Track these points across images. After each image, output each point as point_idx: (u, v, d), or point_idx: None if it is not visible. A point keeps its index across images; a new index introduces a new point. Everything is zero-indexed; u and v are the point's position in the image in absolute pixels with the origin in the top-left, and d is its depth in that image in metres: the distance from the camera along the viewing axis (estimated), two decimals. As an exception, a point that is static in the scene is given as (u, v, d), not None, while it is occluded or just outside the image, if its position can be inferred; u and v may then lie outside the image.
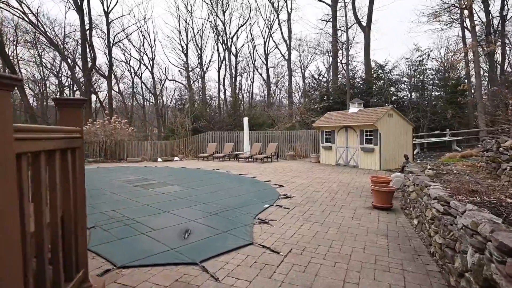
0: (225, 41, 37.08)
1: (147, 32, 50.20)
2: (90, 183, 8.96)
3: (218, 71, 39.07)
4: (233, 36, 37.13)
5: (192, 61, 53.90)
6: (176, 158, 16.89)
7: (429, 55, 22.49)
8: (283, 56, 36.86)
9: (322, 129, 13.97)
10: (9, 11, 27.73)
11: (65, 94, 37.56)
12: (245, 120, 17.17)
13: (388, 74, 22.96)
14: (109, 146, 17.50)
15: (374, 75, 23.08)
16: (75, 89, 36.94)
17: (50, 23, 32.64)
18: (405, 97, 22.83)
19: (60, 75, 36.82)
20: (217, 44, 37.81)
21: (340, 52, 25.91)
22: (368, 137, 11.79)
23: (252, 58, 40.53)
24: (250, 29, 44.93)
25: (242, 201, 6.40)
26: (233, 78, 39.09)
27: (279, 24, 35.66)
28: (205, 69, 40.43)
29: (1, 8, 28.65)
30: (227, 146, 16.89)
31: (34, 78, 35.64)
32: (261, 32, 38.52)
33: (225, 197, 6.82)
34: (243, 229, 4.55)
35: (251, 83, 43.29)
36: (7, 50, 32.08)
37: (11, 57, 31.57)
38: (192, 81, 41.82)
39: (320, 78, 26.89)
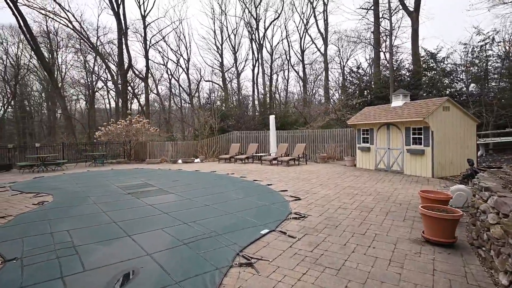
0: (259, 39, 35.67)
1: (183, 34, 50.75)
2: (84, 188, 7.99)
3: (253, 70, 37.91)
4: (266, 30, 35.51)
5: (228, 61, 53.37)
6: (197, 160, 15.76)
7: (493, 39, 18.83)
8: (319, 50, 34.52)
9: (359, 127, 11.81)
10: (56, 20, 29.22)
11: (110, 96, 39.05)
12: (271, 118, 15.50)
13: (441, 64, 19.71)
14: (133, 147, 16.95)
15: (424, 66, 19.97)
16: (111, 90, 38.24)
17: (88, 29, 33.88)
18: (463, 89, 19.40)
19: (102, 78, 38.17)
20: (251, 43, 36.64)
21: (383, 42, 23.08)
22: (417, 136, 9.46)
23: (288, 55, 38.70)
24: (285, 26, 43.06)
25: (235, 221, 4.78)
26: (268, 76, 37.64)
27: (314, 17, 33.34)
28: (240, 68, 39.51)
29: (50, 18, 30.32)
30: (251, 146, 15.35)
31: (79, 82, 37.48)
32: (297, 27, 36.46)
33: (217, 214, 5.26)
34: (208, 278, 2.93)
35: (287, 81, 41.41)
36: (51, 55, 34.04)
37: (59, 62, 33.48)
38: (227, 81, 41.28)
39: (360, 71, 24.22)
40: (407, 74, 20.57)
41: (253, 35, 36.00)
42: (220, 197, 6.67)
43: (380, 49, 23.08)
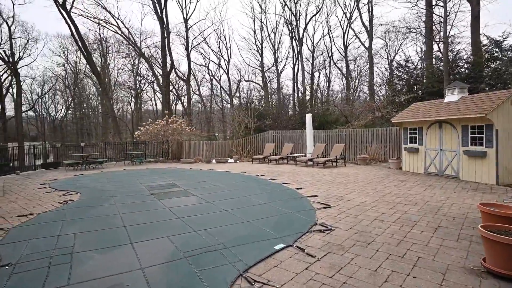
0: (299, 37, 34.68)
1: (223, 35, 51.48)
2: (113, 187, 8.05)
3: (293, 68, 37.10)
4: (306, 25, 34.31)
5: (268, 60, 53.01)
6: (230, 160, 15.50)
7: None
8: (363, 44, 32.50)
9: (405, 126, 10.52)
10: (107, 27, 31.34)
11: (157, 98, 40.99)
12: (308, 117, 14.66)
13: (508, 52, 17.09)
14: (170, 146, 17.27)
15: (486, 56, 17.51)
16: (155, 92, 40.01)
17: (134, 33, 35.77)
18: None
19: (149, 81, 40.13)
20: (291, 41, 35.82)
21: (436, 33, 20.78)
22: (476, 135, 8.05)
23: (330, 51, 37.19)
24: (327, 22, 41.46)
25: (249, 231, 4.22)
26: (309, 74, 36.56)
27: (358, 9, 31.41)
28: (280, 67, 38.91)
29: (102, 26, 32.61)
30: (286, 147, 14.66)
31: (127, 84, 39.89)
32: (339, 22, 34.78)
33: (233, 221, 4.75)
34: (195, 306, 2.42)
35: (328, 79, 39.80)
36: (104, 59, 36.58)
37: (111, 67, 35.97)
38: (268, 80, 40.96)
39: (409, 64, 22.11)
40: (466, 66, 18.23)
41: (293, 32, 35.13)
42: (242, 201, 6.16)
43: (433, 40, 20.82)
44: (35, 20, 48.32)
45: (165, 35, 30.02)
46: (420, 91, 18.55)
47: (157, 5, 29.70)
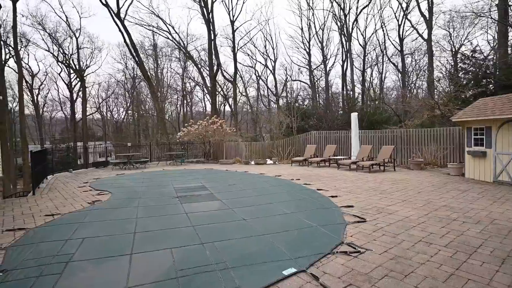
0: (349, 32, 32.86)
1: (269, 35, 51.15)
2: (144, 188, 8.10)
3: (342, 66, 35.40)
4: (357, 16, 32.38)
5: (316, 58, 51.47)
6: (269, 161, 14.98)
7: None
8: (421, 36, 29.51)
9: (469, 125, 8.94)
10: (159, 33, 33.19)
11: (207, 99, 42.33)
12: (353, 116, 13.51)
13: None
14: (211, 147, 17.39)
15: None
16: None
17: (184, 37, 37.17)
18: None
19: (199, 84, 41.60)
20: (341, 37, 34.15)
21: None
22: None
23: (383, 46, 34.63)
24: (381, 14, 38.39)
25: (261, 248, 3.66)
26: (360, 71, 34.54)
27: (416, -2, 28.56)
28: (329, 65, 37.47)
29: (155, 32, 34.62)
30: (328, 148, 13.67)
31: (175, 87, 41.83)
32: (394, 13, 31.96)
33: (248, 233, 4.23)
34: None
35: (381, 75, 37.11)
36: (156, 63, 38.78)
37: (164, 70, 38.09)
38: (315, 79, 39.73)
39: (477, 55, 19.29)
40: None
41: (343, 28, 33.38)
42: (265, 210, 5.60)
43: (508, 25, 17.87)
44: (99, 31, 53.40)
45: (212, 38, 30.67)
46: (491, 85, 16.01)
47: (204, 9, 30.47)
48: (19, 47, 31.81)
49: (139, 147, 18.39)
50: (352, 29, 33.39)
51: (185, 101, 44.96)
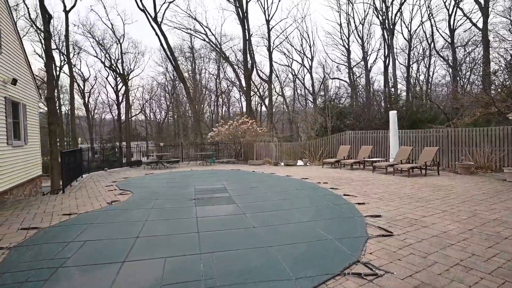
0: (392, 26, 30.86)
1: (306, 33, 49.98)
2: (166, 188, 8.10)
3: (384, 61, 33.48)
4: (401, 7, 30.25)
5: (356, 54, 49.35)
6: (299, 162, 14.36)
7: None
8: (475, 25, 26.66)
9: (530, 123, 7.62)
10: (196, 36, 34.07)
11: (243, 99, 42.65)
12: (392, 114, 12.40)
13: None
14: (242, 147, 17.23)
15: None
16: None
17: (221, 39, 37.68)
18: None
19: (236, 84, 42.05)
20: (383, 31, 32.23)
21: None
22: None
23: (431, 39, 32.02)
24: (428, 5, 35.34)
25: (261, 263, 3.24)
26: (404, 67, 32.34)
27: (469, -18, 25.88)
28: (370, 61, 35.68)
29: (192, 35, 35.62)
30: (363, 149, 12.71)
31: (214, 88, 42.58)
32: (444, 2, 29.21)
33: (252, 244, 3.83)
34: None
35: (428, 70, 34.36)
36: (194, 65, 39.81)
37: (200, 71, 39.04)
38: (356, 76, 38.08)
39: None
40: None
41: (385, 22, 31.42)
42: (279, 216, 5.16)
43: None
44: (142, 36, 56.50)
45: (247, 37, 30.66)
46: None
47: (239, 9, 30.57)
48: (72, 55, 34.59)
49: (172, 147, 18.82)
50: (395, 22, 31.28)
51: (221, 102, 45.66)
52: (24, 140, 8.40)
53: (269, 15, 34.10)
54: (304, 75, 43.32)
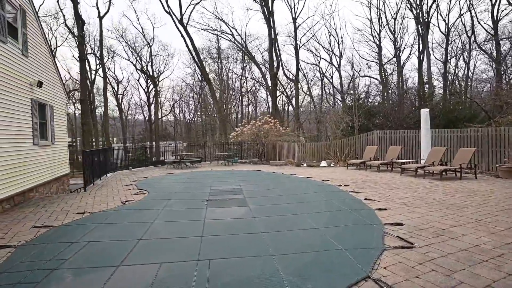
0: (427, 19, 29.11)
1: (334, 30, 48.57)
2: (181, 189, 8.08)
3: (419, 57, 31.75)
4: (434, 3, 28.45)
5: (388, 50, 47.27)
6: (323, 163, 13.82)
7: None
8: (521, 13, 24.25)
9: None
10: (223, 37, 34.38)
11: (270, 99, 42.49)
12: (424, 112, 11.53)
13: None
14: (265, 147, 16.99)
15: None
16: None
17: (247, 39, 37.66)
18: None
19: (262, 83, 41.95)
20: (417, 25, 30.52)
21: None
22: None
23: (471, 31, 29.78)
24: (468, -5, 32.75)
25: (256, 274, 2.98)
26: (441, 63, 30.41)
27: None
28: (403, 57, 34.01)
29: (218, 36, 36.01)
30: (391, 150, 11.94)
31: (241, 87, 42.72)
32: (487, -10, 26.95)
33: (253, 253, 3.58)
34: None
35: (467, 65, 32.01)
36: (220, 65, 40.15)
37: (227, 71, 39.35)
38: (387, 74, 36.49)
39: None
40: None
41: (419, 16, 29.68)
42: (290, 222, 4.84)
43: None
44: (171, 39, 58.16)
45: (272, 36, 30.41)
46: None
47: (265, 8, 30.38)
48: (106, 59, 36.29)
49: (199, 147, 19.01)
50: (431, 15, 29.43)
51: (248, 102, 45.72)
52: (51, 140, 8.77)
53: (295, 13, 33.60)
54: (333, 74, 42.22)
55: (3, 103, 6.28)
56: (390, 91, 33.97)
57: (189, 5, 23.02)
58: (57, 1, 24.06)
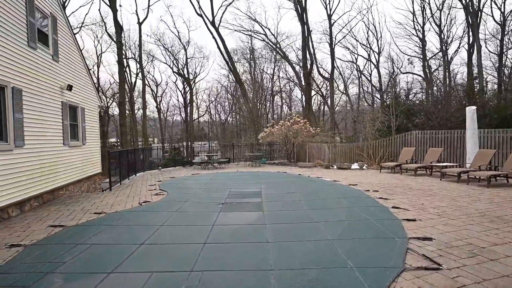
0: (479, 8, 26.56)
1: (373, 25, 46.20)
2: (201, 190, 8.04)
3: (468, 50, 29.07)
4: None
5: (433, 44, 44.03)
6: (354, 166, 13.01)
7: None
8: None
9: None
10: (256, 37, 34.40)
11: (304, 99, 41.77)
12: (469, 110, 10.34)
13: None
14: (294, 148, 16.50)
15: None
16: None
17: (280, 38, 37.17)
18: None
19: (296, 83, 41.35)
20: (466, 16, 27.95)
21: None
22: None
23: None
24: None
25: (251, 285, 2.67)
26: (496, 55, 27.63)
27: None
28: (451, 52, 31.48)
29: (252, 36, 36.10)
30: (431, 152, 10.85)
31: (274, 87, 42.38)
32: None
33: (250, 265, 3.28)
34: None
35: (528, 57, 28.59)
36: (254, 65, 40.12)
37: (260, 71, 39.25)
38: (433, 69, 34.02)
39: None
40: None
41: (469, 6, 27.11)
42: (302, 231, 4.45)
43: None
44: (206, 42, 59.56)
45: (306, 35, 29.75)
46: None
47: (298, 5, 29.81)
48: (146, 63, 38.03)
49: (229, 147, 19.04)
50: (483, 4, 26.69)
51: (281, 102, 45.24)
52: (81, 141, 9.19)
53: (330, 9, 32.62)
54: (371, 71, 40.25)
55: (33, 106, 6.63)
56: (435, 88, 31.55)
57: (220, 6, 23.21)
58: (99, 10, 25.62)
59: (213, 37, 22.81)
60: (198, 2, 26.45)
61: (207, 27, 22.56)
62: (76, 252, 3.73)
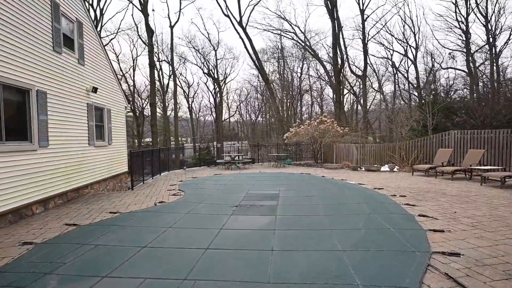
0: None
1: (410, 18, 43.57)
2: (219, 192, 7.96)
3: (519, 41, 26.50)
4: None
5: (479, 36, 40.75)
6: (384, 168, 12.22)
7: None
8: None
9: None
10: (286, 36, 34.04)
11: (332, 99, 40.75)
12: (517, 107, 9.22)
13: None
14: (321, 148, 15.96)
15: None
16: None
17: (310, 36, 36.33)
18: None
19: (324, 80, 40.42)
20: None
21: None
22: None
23: None
24: None
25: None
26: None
27: None
28: (500, 45, 28.95)
29: (281, 35, 35.77)
30: (471, 154, 9.85)
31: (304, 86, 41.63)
32: None
33: (247, 276, 3.05)
34: None
35: None
36: (284, 64, 39.65)
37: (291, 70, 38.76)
38: (478, 64, 31.46)
39: None
40: None
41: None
42: (312, 240, 4.13)
43: None
44: (236, 42, 60.07)
45: (336, 31, 28.85)
46: None
47: (328, 2, 29.00)
48: (178, 65, 39.13)
49: (258, 147, 18.90)
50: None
51: (312, 101, 44.35)
52: (107, 141, 9.52)
53: (363, 4, 31.34)
54: (408, 67, 38.05)
55: (58, 107, 6.93)
56: (480, 84, 29.12)
57: (247, 6, 23.15)
58: (132, 15, 26.65)
59: (240, 37, 22.84)
60: (225, 2, 26.68)
61: (234, 27, 22.64)
62: (80, 253, 3.74)
